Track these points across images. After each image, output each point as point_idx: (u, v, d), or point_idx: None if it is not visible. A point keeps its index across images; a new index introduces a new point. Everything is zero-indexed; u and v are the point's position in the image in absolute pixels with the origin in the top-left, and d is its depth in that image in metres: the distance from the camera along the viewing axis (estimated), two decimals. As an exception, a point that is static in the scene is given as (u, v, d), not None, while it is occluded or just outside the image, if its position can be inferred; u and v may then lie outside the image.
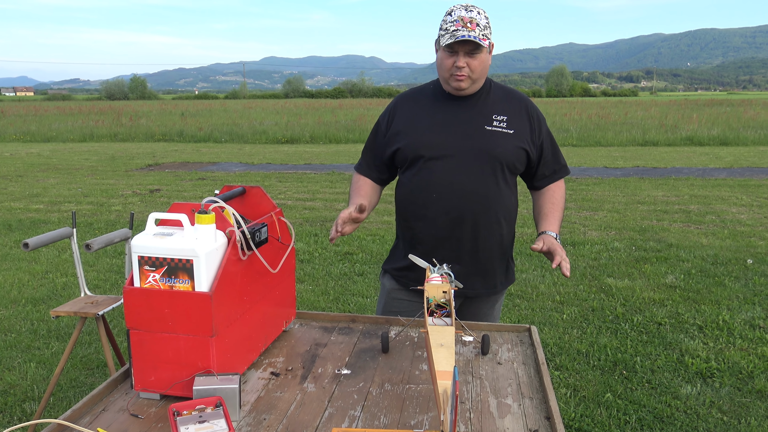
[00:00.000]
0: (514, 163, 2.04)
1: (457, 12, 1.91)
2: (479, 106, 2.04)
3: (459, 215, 2.01)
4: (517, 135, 2.03)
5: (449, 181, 2.00)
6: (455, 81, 1.96)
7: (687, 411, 3.15)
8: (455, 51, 1.91)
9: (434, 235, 2.05)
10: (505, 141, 2.01)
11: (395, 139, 2.09)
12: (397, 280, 2.18)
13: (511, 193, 2.10)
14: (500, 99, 2.08)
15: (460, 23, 1.88)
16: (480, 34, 1.88)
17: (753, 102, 44.12)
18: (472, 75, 1.95)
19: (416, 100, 2.13)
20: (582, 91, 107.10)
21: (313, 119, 27.87)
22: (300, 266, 5.78)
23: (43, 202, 9.21)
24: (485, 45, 1.90)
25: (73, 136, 22.11)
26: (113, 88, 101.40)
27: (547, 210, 2.14)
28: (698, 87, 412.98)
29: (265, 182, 11.05)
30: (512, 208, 2.12)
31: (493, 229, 2.06)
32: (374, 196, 2.21)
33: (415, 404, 1.44)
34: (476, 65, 1.93)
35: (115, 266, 5.84)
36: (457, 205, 2.00)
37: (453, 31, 1.88)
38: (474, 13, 1.91)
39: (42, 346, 4.09)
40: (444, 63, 1.96)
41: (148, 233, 1.42)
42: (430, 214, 2.04)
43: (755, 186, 9.98)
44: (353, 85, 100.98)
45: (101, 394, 1.47)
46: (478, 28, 1.88)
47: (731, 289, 4.99)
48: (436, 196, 2.01)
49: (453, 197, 2.00)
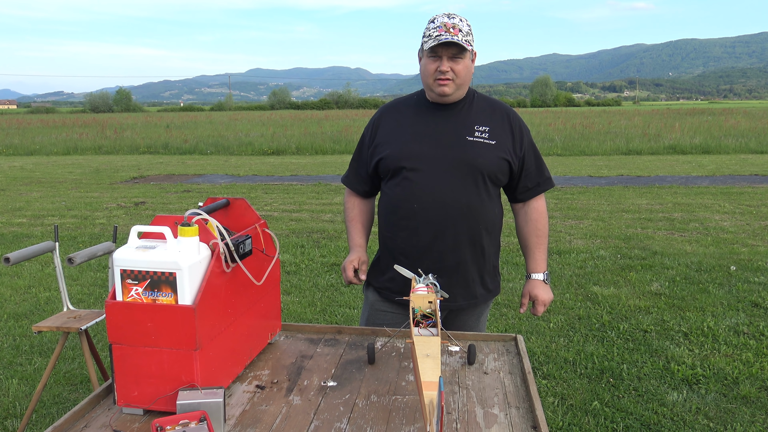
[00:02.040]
0: (495, 173, 2.03)
1: (440, 19, 1.93)
2: (461, 116, 2.04)
3: (440, 226, 2.00)
4: (499, 146, 2.02)
5: (430, 192, 1.99)
6: (439, 86, 1.95)
7: (674, 418, 3.16)
8: (439, 55, 1.92)
9: (416, 246, 2.04)
10: (486, 152, 2.01)
11: (378, 150, 2.10)
12: (380, 293, 2.17)
13: (494, 204, 2.09)
14: (483, 110, 2.07)
15: (443, 29, 1.90)
16: (463, 39, 1.90)
17: (733, 111, 44.78)
18: (456, 79, 1.95)
19: (399, 111, 2.13)
20: (566, 101, 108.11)
21: (299, 130, 27.88)
22: (286, 278, 5.75)
23: (26, 216, 9.11)
24: (469, 49, 1.92)
25: (57, 149, 21.93)
26: (97, 101, 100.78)
27: (533, 244, 2.15)
28: (680, 96, 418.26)
29: (251, 194, 11.01)
30: (495, 219, 2.11)
31: (475, 240, 2.05)
32: (368, 219, 2.27)
33: (402, 415, 1.43)
34: (460, 69, 1.94)
35: (99, 280, 5.78)
36: (438, 216, 1.99)
37: (436, 36, 1.90)
38: (456, 20, 1.93)
39: (24, 362, 4.03)
40: (428, 68, 1.96)
41: (131, 246, 1.41)
42: (411, 225, 2.04)
43: (737, 193, 10.10)
44: (339, 96, 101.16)
45: (83, 410, 1.45)
46: (461, 33, 1.90)
47: (715, 295, 5.03)
48: (417, 206, 2.01)
49: (434, 208, 1.99)
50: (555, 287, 5.34)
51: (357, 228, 2.24)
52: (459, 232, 2.01)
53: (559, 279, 5.57)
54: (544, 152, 18.48)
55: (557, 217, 8.43)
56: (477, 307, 2.17)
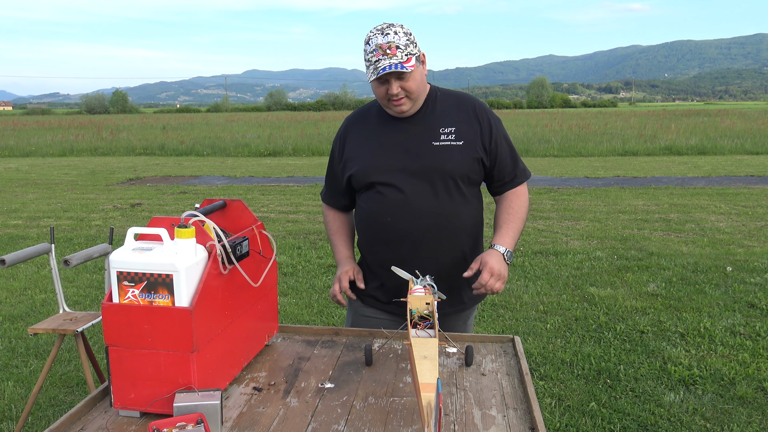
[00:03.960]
0: (467, 175, 1.97)
1: (374, 40, 1.82)
2: (425, 122, 1.98)
3: (416, 238, 1.96)
4: (467, 145, 1.96)
5: (402, 204, 1.95)
6: (395, 107, 1.91)
7: (671, 419, 3.16)
8: (385, 80, 1.85)
9: (394, 259, 1.98)
10: (455, 154, 1.94)
11: (348, 166, 2.05)
12: (363, 300, 2.15)
13: (472, 205, 2.03)
14: (447, 109, 2.00)
15: (379, 52, 1.80)
16: (403, 56, 1.81)
17: (729, 112, 44.92)
18: (410, 96, 1.89)
19: (363, 123, 2.08)
20: (562, 102, 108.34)
21: (296, 132, 27.86)
22: (283, 279, 5.74)
23: (21, 218, 9.08)
24: (409, 70, 1.82)
25: (53, 150, 21.88)
26: (93, 102, 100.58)
27: (502, 221, 2.04)
28: (676, 97, 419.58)
29: (248, 195, 11.00)
30: (474, 221, 2.05)
31: (455, 246, 2.00)
32: (351, 230, 2.24)
33: (399, 417, 1.43)
34: (411, 86, 1.86)
35: (96, 282, 5.76)
36: (412, 228, 1.95)
37: (375, 62, 1.81)
38: (391, 35, 1.81)
39: (20, 364, 4.01)
40: (378, 92, 1.90)
41: (127, 248, 1.40)
42: (387, 239, 2.00)
43: (733, 194, 10.13)
44: (336, 97, 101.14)
45: (79, 412, 1.44)
46: (399, 50, 1.80)
47: (712, 296, 5.04)
48: (391, 220, 1.97)
49: (407, 219, 1.95)
50: (552, 288, 5.35)
51: (341, 240, 2.20)
52: (437, 241, 1.97)
53: (556, 280, 5.58)
54: (541, 153, 18.52)
55: (554, 218, 8.44)
56: (464, 312, 2.13)
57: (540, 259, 6.28)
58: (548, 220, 8.32)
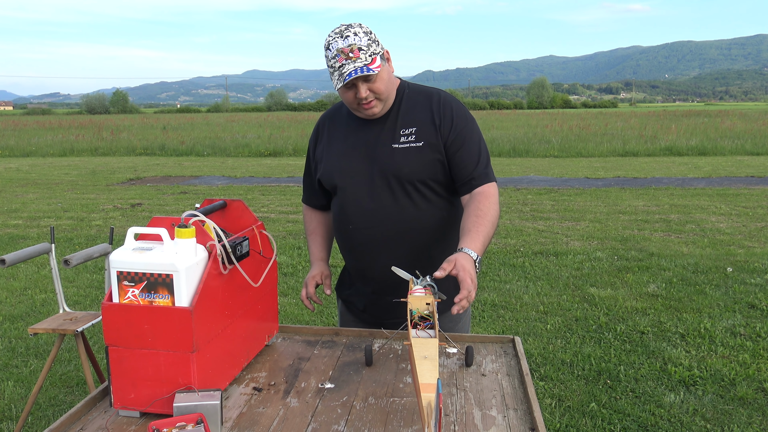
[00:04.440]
0: (429, 178, 1.86)
1: (334, 44, 1.73)
2: (388, 123, 1.88)
3: (375, 246, 1.88)
4: (427, 145, 1.84)
5: (360, 212, 1.89)
6: (365, 111, 1.83)
7: (671, 419, 3.16)
8: (351, 84, 1.77)
9: (358, 267, 1.95)
10: (413, 157, 1.84)
11: (318, 167, 2.02)
12: (347, 306, 2.14)
13: (439, 208, 1.90)
14: (411, 107, 1.90)
15: (342, 57, 1.72)
16: (367, 57, 1.73)
17: (729, 113, 44.93)
18: (380, 97, 1.81)
19: (333, 123, 2.01)
20: (562, 103, 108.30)
21: (296, 132, 27.86)
22: (284, 280, 5.74)
23: (21, 218, 9.08)
24: (375, 72, 1.73)
25: (53, 150, 21.88)
26: (94, 102, 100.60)
27: (470, 224, 1.76)
28: (676, 98, 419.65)
29: (248, 195, 11.00)
30: (441, 225, 1.91)
31: (420, 252, 1.89)
32: (329, 230, 2.15)
33: (399, 417, 1.42)
34: (379, 87, 1.78)
35: (96, 282, 5.76)
36: (371, 236, 1.88)
37: (339, 68, 1.73)
38: (351, 37, 1.73)
39: (20, 364, 4.01)
40: (346, 97, 1.81)
41: (127, 248, 1.40)
42: (349, 246, 1.96)
43: (733, 195, 10.13)
44: (336, 97, 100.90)
45: (79, 412, 1.44)
46: (362, 52, 1.72)
47: (712, 297, 5.04)
48: (352, 227, 1.92)
49: (366, 228, 1.89)
50: (552, 288, 5.35)
51: (317, 241, 2.13)
52: (397, 249, 1.86)
53: (556, 280, 5.58)
54: (541, 154, 18.51)
55: (554, 218, 8.43)
56: (444, 314, 1.96)
57: (540, 260, 6.28)
58: (548, 220, 8.32)
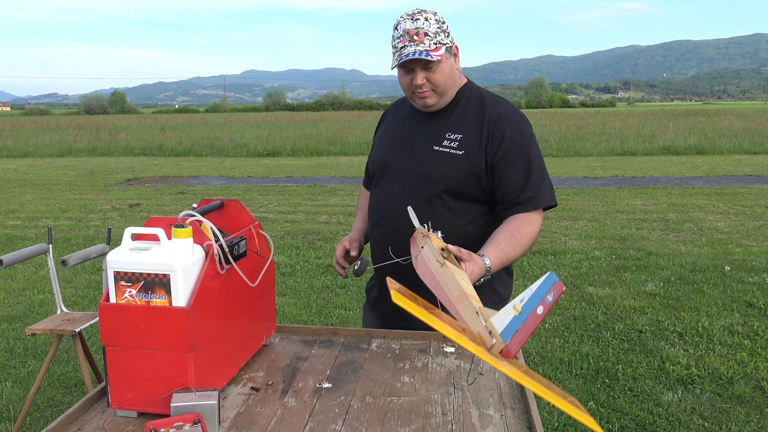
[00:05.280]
0: (459, 188, 1.79)
1: (402, 25, 1.71)
2: (437, 122, 1.85)
3: (393, 241, 1.85)
4: (467, 156, 1.78)
5: (386, 204, 1.89)
6: (419, 99, 1.80)
7: (669, 418, 3.17)
8: (410, 68, 1.74)
9: (376, 257, 1.96)
10: (450, 163, 1.78)
11: (371, 156, 2.06)
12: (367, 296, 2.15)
13: (461, 220, 1.82)
14: (464, 113, 1.84)
15: (406, 38, 1.69)
16: (431, 45, 1.68)
17: (727, 111, 44.98)
18: (436, 89, 1.77)
19: (396, 113, 2.03)
20: (561, 102, 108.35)
21: (295, 132, 27.86)
22: (282, 279, 5.74)
23: (19, 218, 9.07)
24: (435, 59, 1.69)
25: (51, 151, 21.86)
26: (92, 103, 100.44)
27: (501, 239, 1.70)
28: (674, 97, 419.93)
29: (247, 195, 11.00)
30: (461, 238, 1.75)
31: None
32: None
33: (397, 417, 1.43)
34: (437, 78, 1.74)
35: (94, 282, 5.75)
36: (390, 231, 1.87)
37: (400, 49, 1.70)
38: (421, 20, 1.69)
39: (18, 364, 4.01)
40: (403, 82, 1.79)
41: (124, 248, 1.40)
42: (374, 235, 1.97)
43: (731, 194, 10.14)
44: (334, 97, 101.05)
45: (77, 413, 1.44)
46: (428, 37, 1.68)
47: (710, 295, 5.05)
48: (377, 217, 1.93)
49: (388, 221, 1.88)
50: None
51: (360, 215, 2.14)
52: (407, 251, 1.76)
53: (554, 280, 5.58)
54: (539, 153, 18.49)
55: (552, 217, 8.44)
56: None
57: (538, 259, 6.28)
58: (547, 219, 8.33)
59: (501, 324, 1.07)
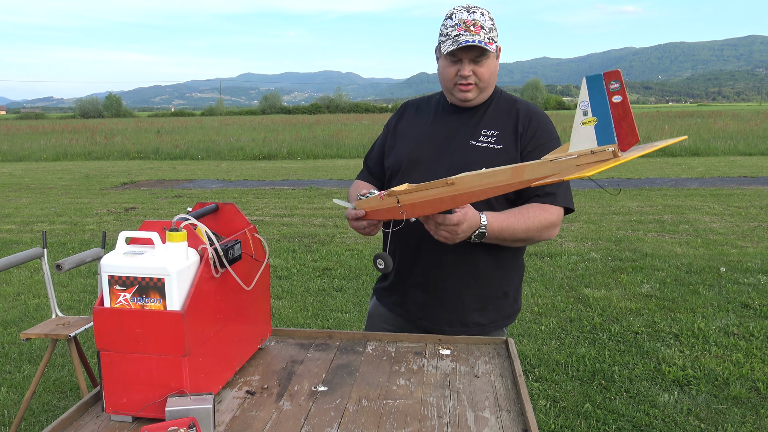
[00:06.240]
0: None
1: (458, 14, 1.72)
2: (473, 120, 1.85)
3: (422, 238, 1.80)
4: (505, 150, 1.79)
5: None
6: (460, 92, 1.79)
7: (665, 419, 3.17)
8: (459, 58, 1.73)
9: (402, 255, 1.92)
10: (488, 158, 1.76)
11: (390, 152, 1.98)
12: (379, 299, 2.10)
13: None
14: (498, 112, 1.86)
15: (462, 27, 1.69)
16: (486, 38, 1.70)
17: (722, 113, 45.10)
18: (479, 84, 1.78)
19: (418, 111, 1.99)
20: (556, 104, 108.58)
21: (291, 135, 27.84)
22: (278, 283, 5.73)
23: (15, 223, 9.04)
24: (492, 50, 1.71)
25: (47, 155, 21.79)
26: (87, 106, 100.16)
27: (510, 212, 1.74)
28: (669, 99, 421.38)
29: (243, 198, 10.98)
30: None
31: (466, 258, 1.84)
32: None
33: (393, 420, 1.42)
34: (483, 72, 1.75)
35: (89, 286, 5.74)
36: (417, 224, 1.79)
37: (455, 37, 1.69)
38: (477, 14, 1.71)
39: (13, 369, 3.99)
40: (446, 72, 1.78)
41: (118, 252, 1.40)
42: (399, 232, 1.89)
43: (726, 195, 10.17)
44: (330, 100, 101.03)
45: (71, 418, 1.43)
46: (483, 31, 1.69)
47: (705, 297, 5.06)
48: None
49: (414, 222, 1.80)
50: (546, 289, 5.36)
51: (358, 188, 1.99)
52: (443, 246, 1.76)
53: (550, 281, 5.59)
54: (535, 155, 18.52)
55: (548, 219, 8.44)
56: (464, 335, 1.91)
57: (534, 261, 6.29)
58: (543, 221, 8.33)
59: (590, 141, 1.02)
